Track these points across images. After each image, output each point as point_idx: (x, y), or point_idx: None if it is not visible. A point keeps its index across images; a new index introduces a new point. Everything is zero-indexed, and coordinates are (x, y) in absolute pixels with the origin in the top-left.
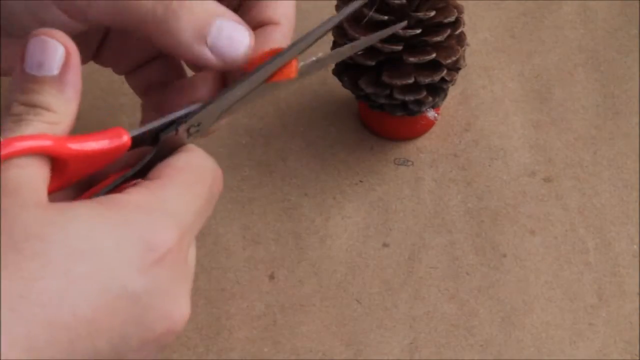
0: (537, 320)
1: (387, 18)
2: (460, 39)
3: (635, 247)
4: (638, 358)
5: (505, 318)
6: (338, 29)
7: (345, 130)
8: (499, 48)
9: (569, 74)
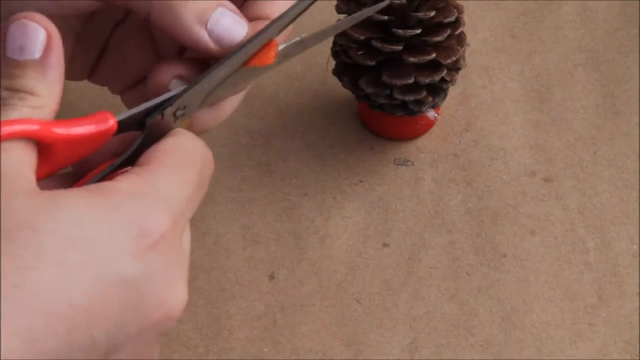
0: (537, 320)
1: (387, 18)
2: (460, 39)
3: (635, 247)
4: (638, 358)
5: (505, 318)
6: None
7: (345, 130)
8: (499, 48)
9: (569, 74)
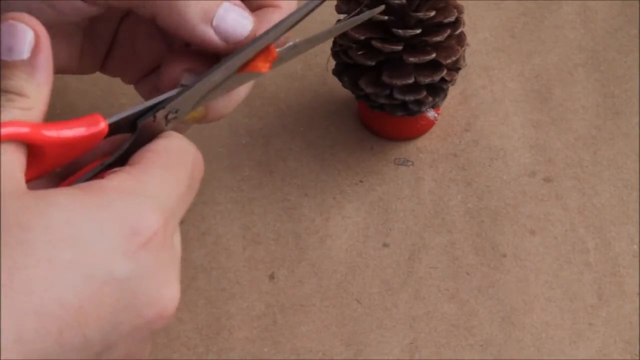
0: (537, 320)
1: (387, 18)
2: (460, 39)
3: (635, 247)
4: (638, 358)
5: (505, 318)
6: None
7: (345, 130)
8: (499, 48)
9: (569, 74)
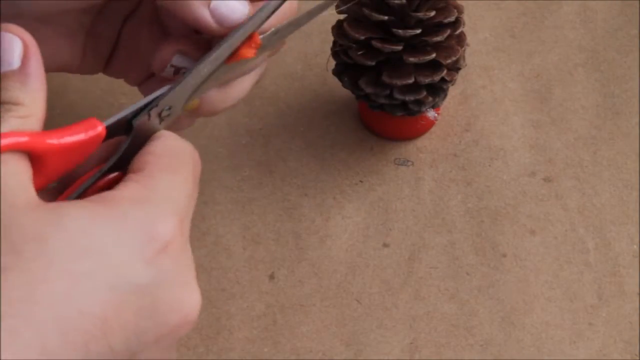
0: (537, 320)
1: (387, 18)
2: (460, 39)
3: (635, 247)
4: (638, 358)
5: (505, 318)
6: (338, 29)
7: (345, 130)
8: (499, 48)
9: (569, 74)
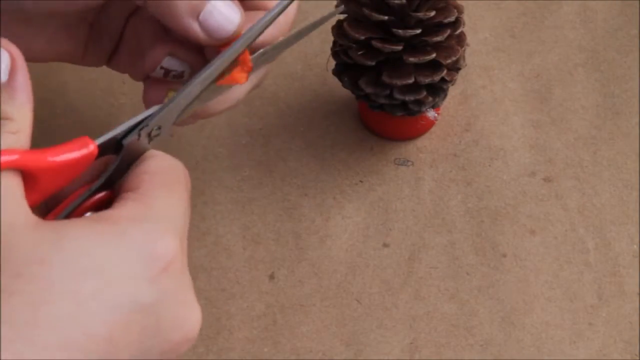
0: (537, 320)
1: (387, 18)
2: (460, 39)
3: (635, 247)
4: (638, 358)
5: (505, 318)
6: (338, 29)
7: (345, 130)
8: (499, 48)
9: (569, 74)
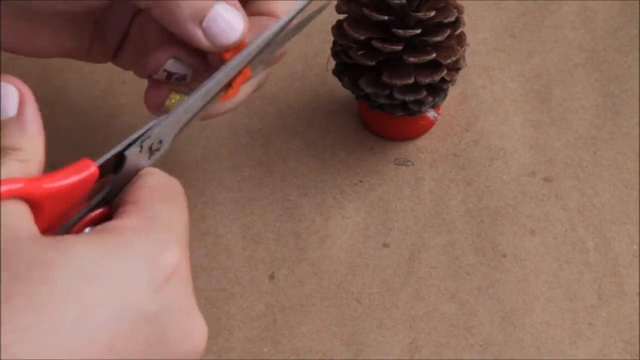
0: (537, 320)
1: (387, 18)
2: (460, 39)
3: (635, 247)
4: (638, 358)
5: (505, 318)
6: (338, 29)
7: (345, 130)
8: (499, 48)
9: (569, 74)
